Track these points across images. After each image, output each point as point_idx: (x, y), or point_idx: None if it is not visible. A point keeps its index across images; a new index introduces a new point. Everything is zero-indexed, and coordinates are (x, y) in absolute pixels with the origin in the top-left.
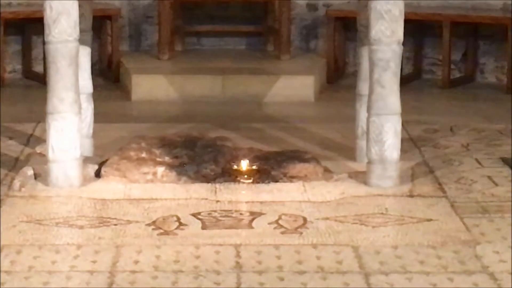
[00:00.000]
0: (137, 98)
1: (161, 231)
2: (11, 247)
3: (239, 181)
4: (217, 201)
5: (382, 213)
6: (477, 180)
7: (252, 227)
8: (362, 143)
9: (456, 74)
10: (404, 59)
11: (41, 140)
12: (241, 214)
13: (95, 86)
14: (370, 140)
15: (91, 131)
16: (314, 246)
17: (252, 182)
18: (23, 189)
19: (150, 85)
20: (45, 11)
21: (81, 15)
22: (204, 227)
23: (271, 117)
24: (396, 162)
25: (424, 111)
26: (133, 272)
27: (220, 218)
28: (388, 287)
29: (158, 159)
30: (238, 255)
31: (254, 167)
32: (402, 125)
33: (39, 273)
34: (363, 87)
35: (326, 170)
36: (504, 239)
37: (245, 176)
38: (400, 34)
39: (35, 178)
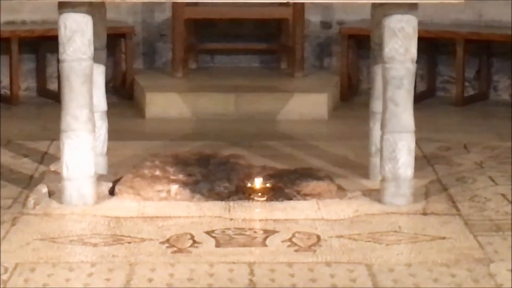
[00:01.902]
0: (151, 116)
1: (175, 249)
2: (25, 265)
3: (252, 199)
4: (231, 219)
5: (395, 231)
6: (491, 198)
7: (265, 245)
8: (375, 161)
9: (469, 92)
10: (418, 77)
11: (55, 158)
12: (254, 232)
13: (109, 103)
14: (384, 158)
15: (105, 149)
16: (328, 264)
17: (266, 200)
18: (37, 207)
19: (164, 103)
20: (59, 29)
21: (95, 34)
22: (217, 245)
23: (284, 135)
24: (410, 180)
25: (438, 129)
26: None
27: (234, 236)
28: None
29: (171, 177)
30: (251, 273)
31: (267, 185)
32: (416, 142)
33: None
34: (377, 105)
35: (340, 188)
36: None
37: (259, 194)
38: (414, 52)
39: (49, 196)
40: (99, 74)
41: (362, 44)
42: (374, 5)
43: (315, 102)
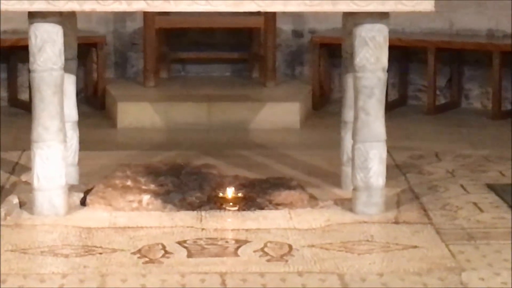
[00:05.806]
0: (122, 126)
1: (147, 259)
2: None
3: (224, 209)
4: (203, 229)
5: (367, 240)
6: (463, 207)
7: (237, 255)
8: (347, 170)
9: (441, 100)
10: (389, 86)
11: (27, 168)
12: (226, 242)
13: (80, 113)
14: (356, 167)
15: (76, 159)
16: (300, 273)
17: (238, 210)
18: (8, 218)
19: (136, 113)
20: (30, 39)
21: (66, 43)
22: (189, 255)
23: (256, 144)
24: (382, 189)
25: (410, 137)
26: None
27: (206, 246)
28: None
29: (143, 187)
30: (223, 283)
31: (239, 194)
32: (388, 151)
33: None
34: (348, 114)
35: (312, 197)
36: (490, 265)
37: (231, 203)
38: (385, 61)
39: (20, 206)
40: (70, 84)
41: (334, 53)
42: (345, 14)
43: (287, 111)
